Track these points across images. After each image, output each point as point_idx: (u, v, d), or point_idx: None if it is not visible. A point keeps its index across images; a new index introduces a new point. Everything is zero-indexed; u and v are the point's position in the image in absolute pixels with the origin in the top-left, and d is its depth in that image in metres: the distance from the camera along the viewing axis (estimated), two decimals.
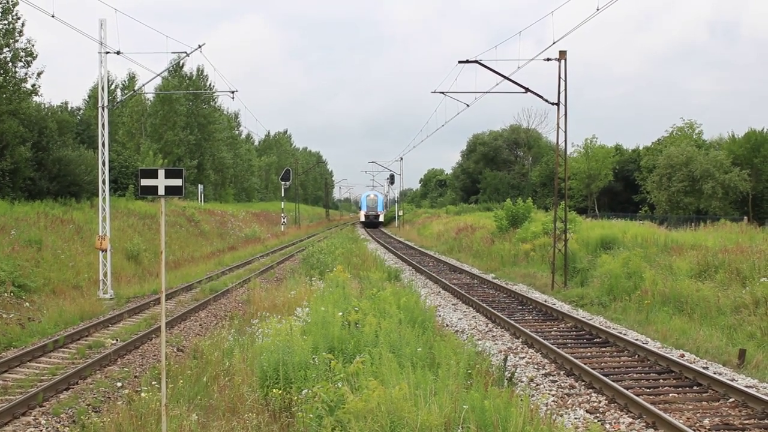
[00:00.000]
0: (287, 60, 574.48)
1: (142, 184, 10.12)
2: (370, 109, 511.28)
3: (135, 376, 15.54)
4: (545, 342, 16.90)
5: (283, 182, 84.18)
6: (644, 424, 11.14)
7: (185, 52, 30.29)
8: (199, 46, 28.94)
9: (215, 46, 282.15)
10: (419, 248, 53.35)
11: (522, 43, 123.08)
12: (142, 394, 11.63)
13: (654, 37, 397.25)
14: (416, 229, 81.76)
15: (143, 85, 58.51)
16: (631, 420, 11.38)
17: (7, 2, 38.28)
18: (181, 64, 77.88)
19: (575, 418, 11.46)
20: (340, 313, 13.79)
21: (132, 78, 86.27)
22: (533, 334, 17.90)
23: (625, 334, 18.13)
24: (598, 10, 20.69)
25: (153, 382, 13.17)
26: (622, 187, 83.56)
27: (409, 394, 8.61)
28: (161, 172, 10.10)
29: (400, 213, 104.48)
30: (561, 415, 11.41)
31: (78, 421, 11.93)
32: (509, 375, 13.20)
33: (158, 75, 38.39)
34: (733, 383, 12.97)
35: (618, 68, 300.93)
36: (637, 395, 12.41)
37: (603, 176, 79.98)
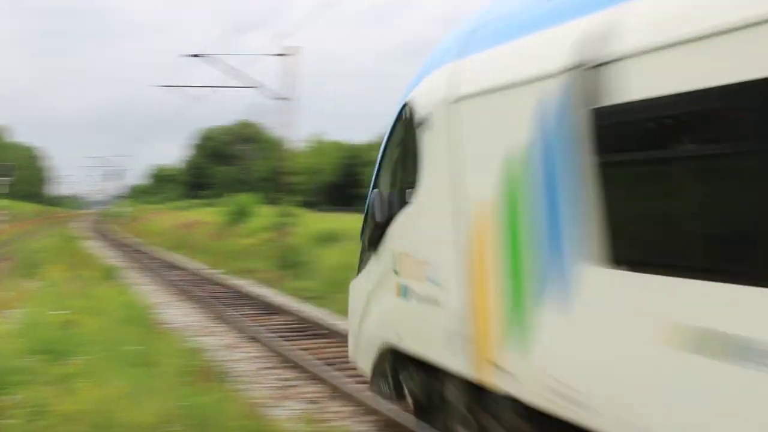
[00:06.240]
0: (7, 49, 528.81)
1: None
2: (100, 102, 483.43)
3: None
4: (269, 335, 17.03)
5: None
6: (362, 409, 11.48)
7: None
8: None
9: None
10: (145, 245, 51.82)
11: (261, 35, 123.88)
12: None
13: (387, 32, 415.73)
14: (142, 225, 79.33)
15: None
16: (354, 408, 11.64)
17: None
18: None
19: (293, 410, 11.61)
20: (52, 313, 13.26)
21: None
22: (257, 328, 17.98)
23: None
24: None
25: None
26: (346, 182, 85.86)
27: (124, 394, 8.41)
28: None
29: (130, 209, 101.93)
30: (279, 408, 11.53)
31: None
32: (228, 370, 13.17)
33: None
34: None
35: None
36: None
37: (328, 171, 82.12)
